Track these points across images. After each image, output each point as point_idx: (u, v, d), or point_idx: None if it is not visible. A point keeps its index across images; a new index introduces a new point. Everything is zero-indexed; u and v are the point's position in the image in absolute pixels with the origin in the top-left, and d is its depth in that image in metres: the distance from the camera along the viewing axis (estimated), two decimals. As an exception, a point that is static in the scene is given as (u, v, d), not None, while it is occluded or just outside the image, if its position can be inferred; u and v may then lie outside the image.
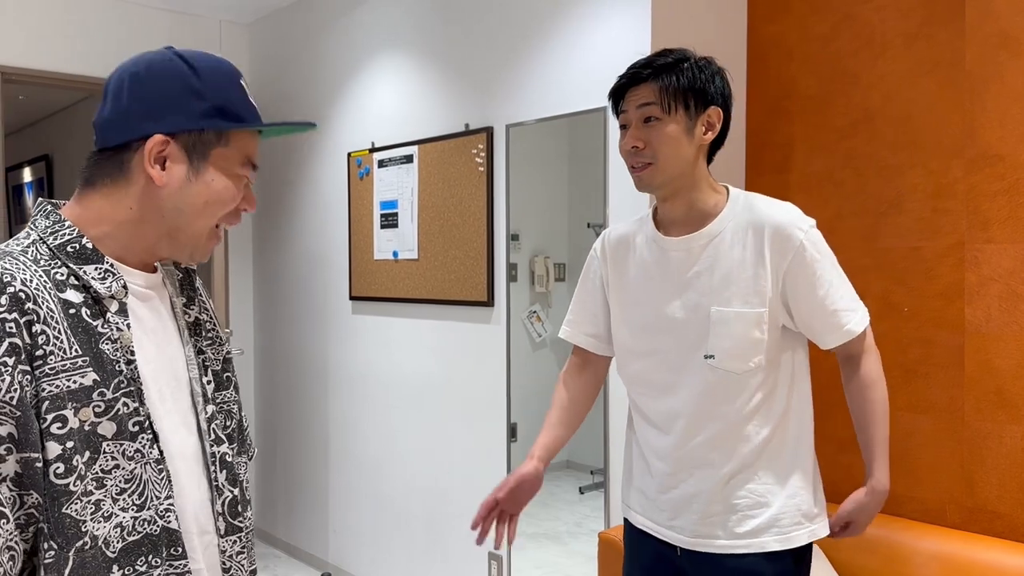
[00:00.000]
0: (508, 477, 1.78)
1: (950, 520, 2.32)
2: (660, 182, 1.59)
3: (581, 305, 1.86)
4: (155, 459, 1.02)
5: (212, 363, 1.18)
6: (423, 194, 3.32)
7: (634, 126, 1.58)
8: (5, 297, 0.91)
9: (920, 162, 2.38)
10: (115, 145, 1.01)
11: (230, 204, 1.07)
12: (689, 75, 1.57)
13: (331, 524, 3.93)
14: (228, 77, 1.05)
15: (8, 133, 4.34)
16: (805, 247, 1.55)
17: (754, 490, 1.60)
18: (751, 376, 1.58)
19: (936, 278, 2.34)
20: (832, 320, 1.58)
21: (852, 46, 2.53)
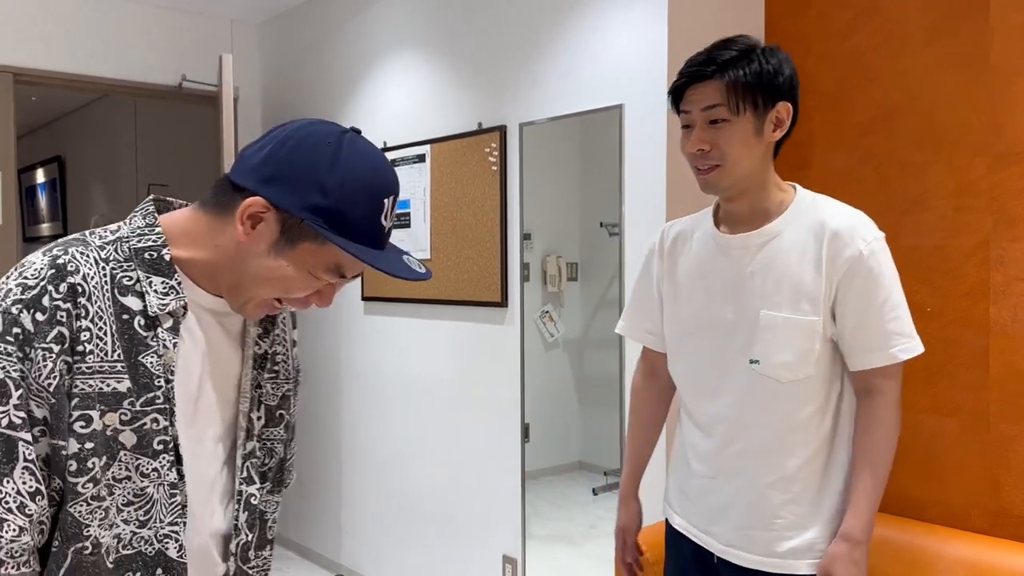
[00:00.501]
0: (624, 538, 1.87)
1: (975, 524, 2.28)
2: (727, 184, 1.51)
3: (638, 300, 1.82)
4: (171, 482, 1.01)
5: (268, 398, 1.16)
6: (436, 194, 3.29)
7: (699, 127, 1.50)
8: (64, 285, 0.94)
9: (943, 159, 2.33)
10: (235, 183, 1.00)
11: (294, 293, 1.03)
12: (756, 69, 1.48)
13: (343, 525, 3.91)
14: (367, 191, 0.97)
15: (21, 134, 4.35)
16: (864, 257, 1.47)
17: (795, 511, 1.54)
18: (799, 387, 1.51)
19: (960, 278, 2.30)
20: (877, 339, 1.48)
21: (872, 41, 2.48)
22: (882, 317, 1.48)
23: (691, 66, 1.52)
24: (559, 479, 3.07)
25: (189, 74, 4.03)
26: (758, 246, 1.53)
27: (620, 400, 2.62)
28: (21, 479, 0.91)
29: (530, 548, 2.98)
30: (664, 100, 2.47)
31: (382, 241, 1.01)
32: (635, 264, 2.57)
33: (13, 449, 0.91)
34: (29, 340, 0.91)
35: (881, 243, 1.50)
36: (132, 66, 3.88)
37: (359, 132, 1.02)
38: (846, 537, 1.50)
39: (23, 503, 0.91)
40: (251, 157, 0.99)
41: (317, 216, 0.95)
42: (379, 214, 0.99)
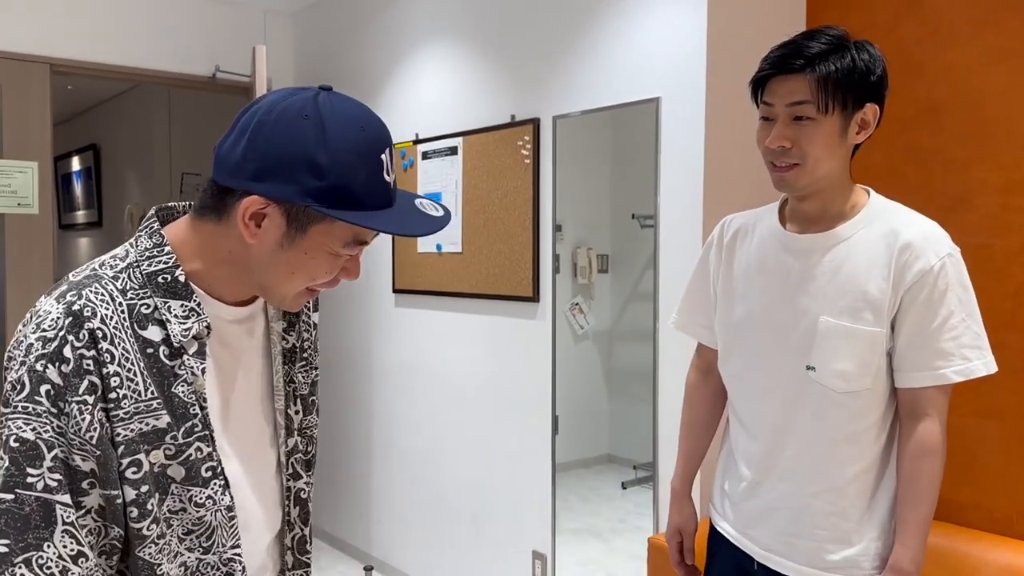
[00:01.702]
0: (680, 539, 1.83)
1: (1018, 531, 2.23)
2: (803, 184, 1.45)
3: (694, 294, 1.76)
4: (227, 506, 1.00)
5: (301, 388, 1.14)
6: (467, 187, 3.27)
7: (781, 122, 1.43)
8: (84, 332, 0.90)
9: (989, 156, 2.27)
10: (223, 185, 0.95)
11: (321, 278, 0.99)
12: (848, 66, 1.39)
13: (374, 517, 3.93)
14: (362, 155, 0.92)
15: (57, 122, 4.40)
16: (934, 272, 1.40)
17: (839, 524, 1.49)
18: (855, 399, 1.46)
19: (1007, 278, 2.24)
20: (928, 358, 1.42)
21: (917, 34, 2.42)
22: (939, 336, 1.41)
23: (776, 56, 1.43)
24: (588, 472, 3.06)
25: (223, 65, 4.04)
26: (825, 249, 1.47)
27: (654, 393, 2.59)
28: (61, 543, 0.89)
29: (561, 543, 2.98)
30: (702, 92, 2.42)
31: (391, 197, 0.96)
32: (670, 257, 2.53)
33: (51, 513, 0.88)
34: (61, 394, 0.88)
35: (955, 258, 1.43)
36: (166, 57, 3.90)
37: (330, 89, 0.96)
38: (896, 569, 1.45)
39: (65, 567, 0.89)
40: (229, 153, 0.93)
41: (320, 199, 0.91)
42: (380, 172, 0.94)
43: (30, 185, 3.54)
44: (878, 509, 1.51)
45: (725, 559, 1.69)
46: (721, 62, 2.46)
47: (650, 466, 2.64)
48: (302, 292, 1.01)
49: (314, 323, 1.18)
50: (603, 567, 2.89)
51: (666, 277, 2.55)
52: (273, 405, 1.11)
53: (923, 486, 1.45)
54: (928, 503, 1.45)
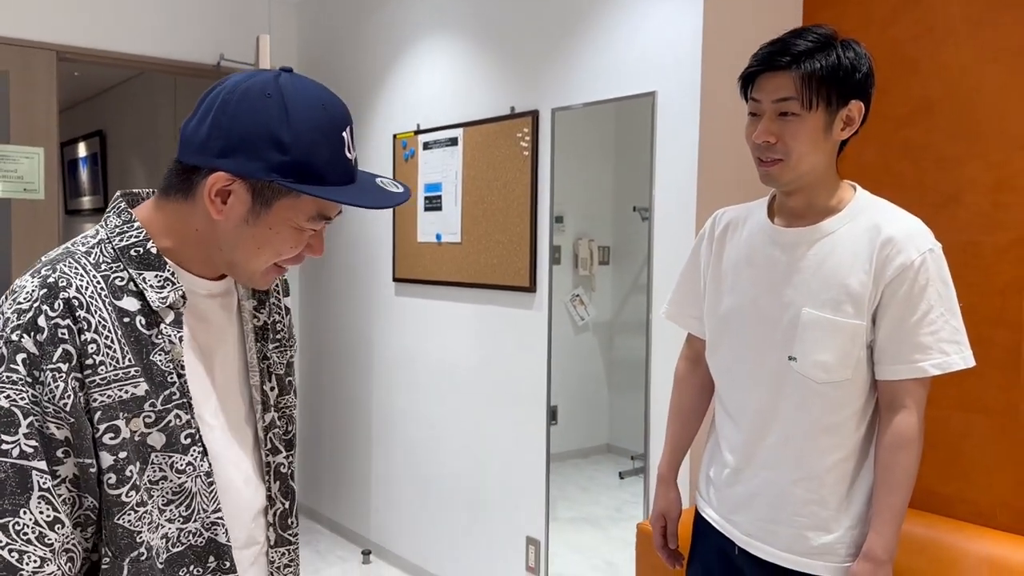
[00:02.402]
0: (664, 523, 1.86)
1: (1001, 523, 2.26)
2: (788, 179, 1.49)
3: (686, 286, 1.79)
4: (205, 472, 1.01)
5: (276, 367, 1.16)
6: (467, 177, 3.30)
7: (767, 118, 1.47)
8: (59, 302, 0.91)
9: (981, 154, 2.30)
10: (189, 164, 0.98)
11: (287, 253, 1.02)
12: (833, 63, 1.42)
13: (373, 502, 3.98)
14: (324, 133, 0.95)
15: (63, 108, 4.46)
16: (915, 267, 1.43)
17: (818, 512, 1.53)
18: (835, 389, 1.49)
19: (995, 275, 2.27)
20: (908, 351, 1.45)
21: (913, 31, 2.44)
22: (918, 330, 1.44)
23: (764, 53, 1.47)
24: (586, 462, 3.09)
25: (227, 53, 4.07)
26: (810, 242, 1.51)
27: (646, 383, 2.63)
28: (38, 508, 0.89)
29: (555, 530, 3.02)
30: (698, 87, 2.45)
31: (352, 174, 0.99)
32: (665, 249, 2.56)
33: (27, 479, 0.89)
34: (36, 363, 0.89)
35: (936, 254, 1.46)
36: (171, 45, 3.93)
37: (291, 71, 0.99)
38: (869, 557, 1.48)
39: (42, 533, 0.90)
40: (195, 133, 0.96)
41: (284, 174, 0.94)
42: (342, 149, 0.97)
43: (36, 171, 3.58)
44: (856, 498, 1.54)
45: (709, 545, 1.72)
46: (716, 58, 2.48)
47: (645, 457, 2.68)
48: (270, 269, 1.03)
49: (285, 307, 1.21)
50: (598, 554, 2.93)
51: (660, 269, 2.58)
52: (249, 381, 1.13)
53: (899, 476, 1.48)
54: (903, 493, 1.48)
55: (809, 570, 1.54)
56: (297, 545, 1.19)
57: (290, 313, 1.22)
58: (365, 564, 3.86)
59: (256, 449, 1.14)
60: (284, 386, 1.18)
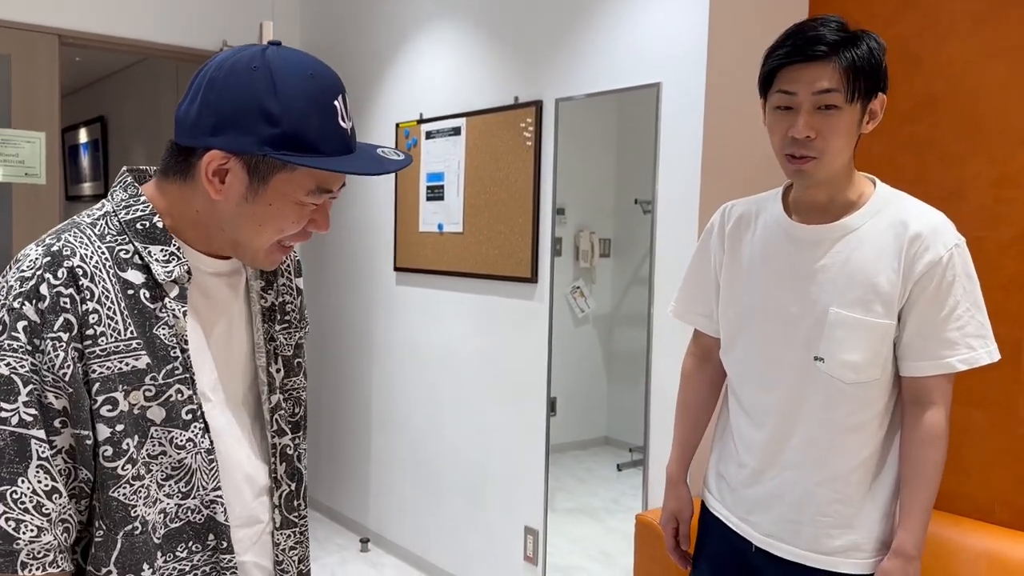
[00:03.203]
0: (676, 525, 1.82)
1: (998, 518, 2.27)
2: (822, 177, 1.43)
3: (694, 282, 1.74)
4: (206, 449, 1.00)
5: (283, 348, 1.15)
6: (470, 167, 3.30)
7: (806, 112, 1.38)
8: (63, 271, 0.91)
9: (984, 150, 2.30)
10: (184, 145, 0.97)
11: (291, 229, 1.00)
12: (866, 54, 1.37)
13: (372, 491, 3.99)
14: (314, 102, 0.94)
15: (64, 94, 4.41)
16: (943, 263, 1.40)
17: (842, 511, 1.50)
18: (861, 389, 1.46)
19: (997, 270, 2.27)
20: (935, 347, 1.43)
21: (916, 27, 2.44)
22: (945, 326, 1.42)
23: (797, 43, 1.39)
24: (584, 454, 3.10)
25: (230, 39, 4.06)
26: (834, 239, 1.46)
27: (647, 376, 2.63)
28: (36, 478, 0.89)
29: (553, 521, 3.03)
30: (703, 80, 2.45)
31: (349, 143, 0.97)
32: (667, 243, 2.57)
33: (26, 447, 0.88)
34: (37, 331, 0.89)
35: (961, 248, 1.44)
36: (174, 30, 3.92)
37: (278, 44, 0.97)
38: (900, 553, 1.47)
39: (40, 502, 0.89)
40: (186, 114, 0.95)
41: (276, 146, 0.92)
42: (334, 118, 0.95)
43: (38, 155, 3.57)
44: (879, 494, 1.52)
45: (719, 542, 1.69)
46: (722, 51, 2.48)
47: (643, 449, 2.68)
48: (274, 247, 1.02)
49: (297, 287, 1.19)
50: (595, 545, 2.94)
51: (662, 262, 2.58)
52: (255, 362, 1.12)
53: (928, 472, 1.46)
54: (932, 489, 1.47)
55: (835, 568, 1.52)
56: (305, 528, 1.18)
57: (302, 294, 1.20)
58: (364, 552, 3.88)
59: (261, 429, 1.13)
60: (292, 368, 1.16)
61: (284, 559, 1.16)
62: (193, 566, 1.01)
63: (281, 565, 1.15)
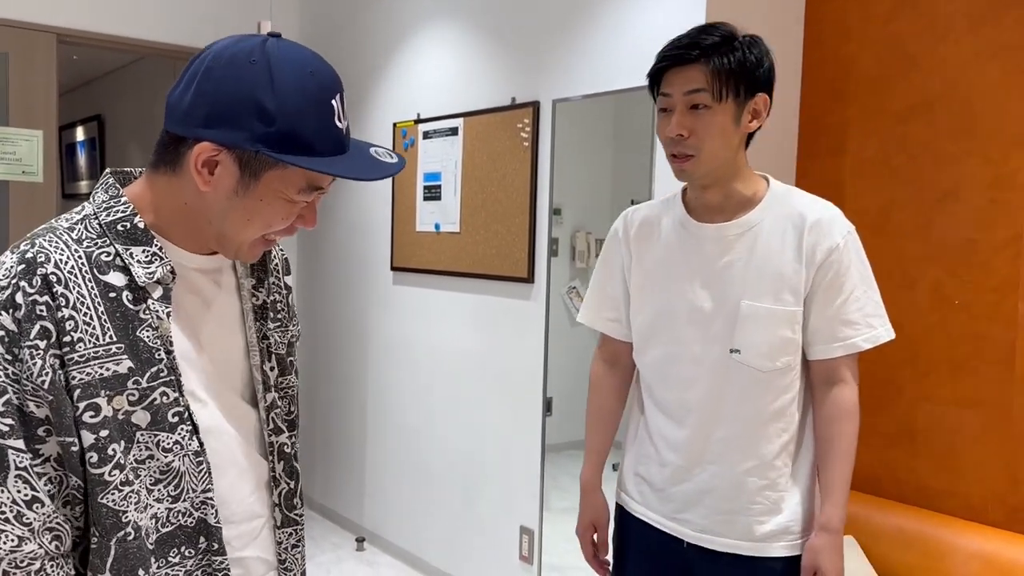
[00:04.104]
0: (594, 533, 1.82)
1: (991, 518, 2.28)
2: (702, 173, 1.52)
3: (600, 288, 1.78)
4: (194, 451, 0.99)
5: (277, 347, 1.14)
6: (467, 167, 3.30)
7: (679, 112, 1.48)
8: (36, 279, 0.90)
9: (979, 151, 2.31)
10: (175, 133, 0.95)
11: (278, 225, 0.99)
12: (740, 57, 1.47)
13: (367, 490, 3.99)
14: (312, 100, 0.91)
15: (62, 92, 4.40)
16: (840, 249, 1.50)
17: (770, 496, 1.56)
18: (777, 375, 1.53)
19: (991, 271, 2.28)
20: (836, 329, 1.51)
21: (914, 27, 2.45)
22: (847, 308, 1.51)
23: (674, 49, 1.49)
24: (580, 453, 3.10)
25: (228, 39, 4.06)
26: (736, 236, 1.54)
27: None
28: (15, 487, 0.88)
29: (548, 520, 3.03)
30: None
31: (344, 143, 0.95)
32: (663, 245, 2.57)
33: (3, 458, 0.88)
34: (15, 340, 0.88)
35: (853, 235, 1.53)
36: (172, 30, 3.92)
37: (278, 36, 0.94)
38: (826, 528, 1.53)
39: (20, 512, 0.89)
40: (179, 101, 0.92)
41: (269, 145, 0.90)
42: (331, 118, 0.93)
43: (35, 153, 3.57)
44: (801, 475, 1.59)
45: (645, 544, 1.70)
46: (719, 50, 2.49)
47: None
48: (258, 241, 1.00)
49: (286, 285, 1.18)
50: (590, 545, 2.95)
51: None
52: (249, 361, 1.11)
53: (844, 447, 1.54)
54: (850, 463, 1.55)
55: (768, 553, 1.57)
56: (302, 526, 1.17)
57: (291, 291, 1.19)
58: (359, 551, 3.88)
59: (258, 428, 1.12)
60: (285, 366, 1.16)
61: (287, 557, 1.15)
62: (186, 571, 1.00)
63: (285, 563, 1.15)
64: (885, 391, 2.51)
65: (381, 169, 0.97)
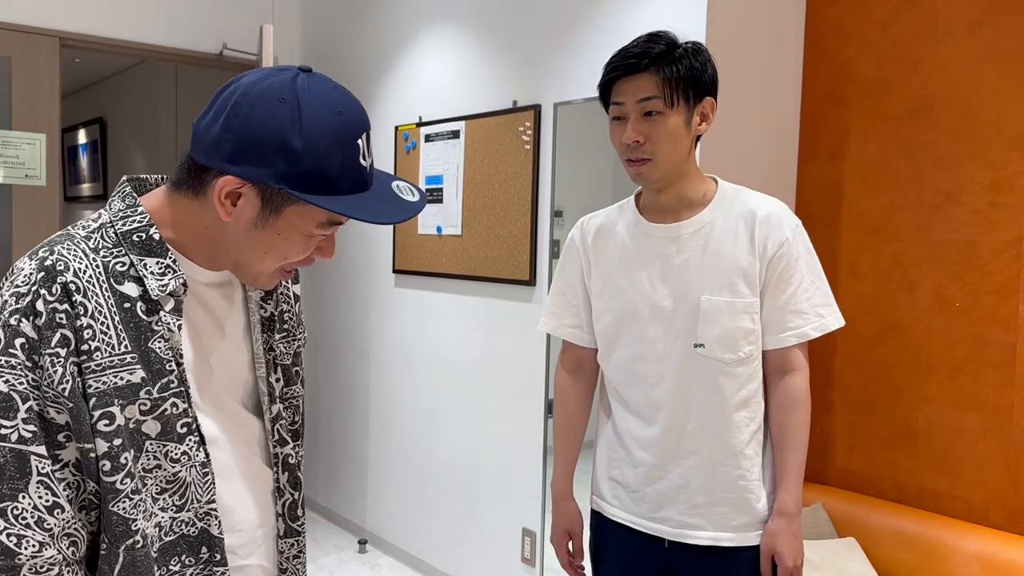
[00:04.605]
0: (568, 540, 1.84)
1: (992, 520, 2.29)
2: (658, 176, 1.58)
3: (561, 296, 1.81)
4: (200, 462, 1.00)
5: (283, 358, 1.15)
6: (469, 170, 3.31)
7: (633, 119, 1.55)
8: (56, 287, 0.91)
9: (979, 153, 2.31)
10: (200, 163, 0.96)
11: (294, 257, 1.00)
12: (687, 64, 1.53)
13: (369, 492, 4.00)
14: (338, 140, 0.92)
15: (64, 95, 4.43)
16: (789, 242, 1.56)
17: (745, 486, 1.61)
18: (741, 365, 1.58)
19: (991, 274, 2.29)
20: (792, 319, 1.58)
21: (913, 31, 2.46)
22: (797, 299, 1.57)
23: (624, 59, 1.55)
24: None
25: (230, 43, 4.08)
26: (690, 235, 1.60)
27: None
28: (36, 493, 0.89)
29: (550, 523, 3.03)
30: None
31: (367, 181, 0.96)
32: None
33: (25, 464, 0.89)
34: (36, 348, 0.89)
35: (801, 229, 1.60)
36: (175, 33, 3.93)
37: (310, 70, 0.95)
38: (783, 512, 1.59)
39: (41, 518, 0.90)
40: (206, 132, 0.93)
41: (293, 184, 0.91)
42: (356, 157, 0.94)
43: (38, 157, 3.58)
44: (767, 465, 1.64)
45: (623, 547, 1.72)
46: (719, 55, 2.49)
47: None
48: (276, 272, 1.02)
49: (294, 294, 1.19)
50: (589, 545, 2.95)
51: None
52: (254, 373, 1.12)
53: (798, 434, 1.60)
54: (803, 450, 1.61)
55: (746, 543, 1.61)
56: (304, 536, 1.19)
57: (299, 300, 1.20)
58: (361, 553, 3.89)
59: (263, 438, 1.13)
60: (291, 377, 1.16)
61: (288, 567, 1.16)
62: None
63: (286, 573, 1.16)
64: (885, 393, 2.51)
65: (402, 211, 0.98)
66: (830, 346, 2.65)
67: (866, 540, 2.34)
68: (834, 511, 2.46)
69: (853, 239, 2.60)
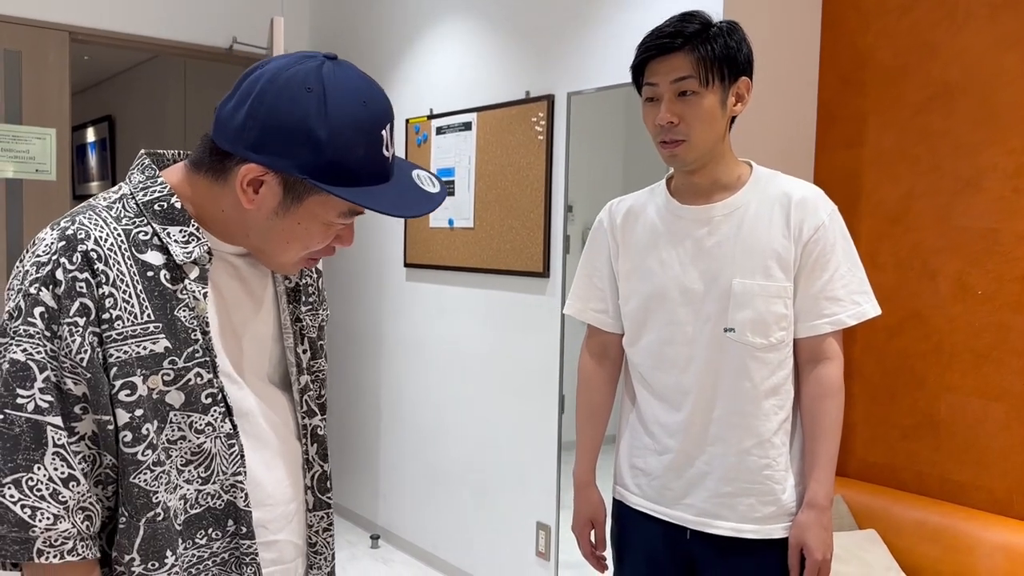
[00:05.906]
0: (591, 529, 1.82)
1: (1017, 511, 2.26)
2: (693, 158, 1.54)
3: (587, 280, 1.78)
4: (226, 433, 0.99)
5: (309, 330, 1.14)
6: (481, 162, 3.29)
7: (667, 100, 1.51)
8: (77, 255, 0.90)
9: (1000, 140, 2.28)
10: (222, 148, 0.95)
11: (316, 246, 1.00)
12: (722, 43, 1.49)
13: (381, 487, 3.99)
14: (364, 132, 0.92)
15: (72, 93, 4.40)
16: (825, 227, 1.53)
17: (771, 476, 1.56)
18: (771, 351, 1.54)
19: (1014, 261, 2.26)
20: (822, 306, 1.54)
21: (932, 16, 2.42)
22: (832, 285, 1.53)
23: (657, 39, 1.52)
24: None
25: (240, 36, 4.06)
26: (723, 216, 1.56)
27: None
28: (52, 465, 0.88)
29: (565, 517, 3.02)
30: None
31: (388, 171, 0.96)
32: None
33: (41, 434, 0.88)
34: (55, 317, 0.88)
35: (837, 213, 1.56)
36: (184, 27, 3.92)
37: (335, 58, 0.94)
38: (813, 504, 1.54)
39: (56, 490, 0.88)
40: (230, 118, 0.93)
41: (315, 175, 0.90)
42: (379, 148, 0.94)
43: (48, 152, 3.58)
44: (796, 454, 1.59)
45: (646, 535, 1.68)
46: (736, 41, 2.47)
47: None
48: (301, 260, 1.02)
49: (317, 268, 1.18)
50: (606, 541, 2.93)
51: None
52: (283, 343, 1.11)
53: (830, 424, 1.55)
54: (836, 440, 1.56)
55: (769, 536, 1.56)
56: (332, 510, 1.17)
57: (321, 275, 1.19)
58: (374, 548, 3.87)
59: (292, 410, 1.12)
60: (316, 349, 1.16)
61: (318, 540, 1.15)
62: (212, 553, 1.00)
63: (315, 547, 1.15)
64: (907, 382, 2.49)
65: (425, 203, 0.98)
66: (850, 336, 2.63)
67: (887, 532, 2.31)
68: (854, 503, 2.43)
69: (872, 228, 2.57)
